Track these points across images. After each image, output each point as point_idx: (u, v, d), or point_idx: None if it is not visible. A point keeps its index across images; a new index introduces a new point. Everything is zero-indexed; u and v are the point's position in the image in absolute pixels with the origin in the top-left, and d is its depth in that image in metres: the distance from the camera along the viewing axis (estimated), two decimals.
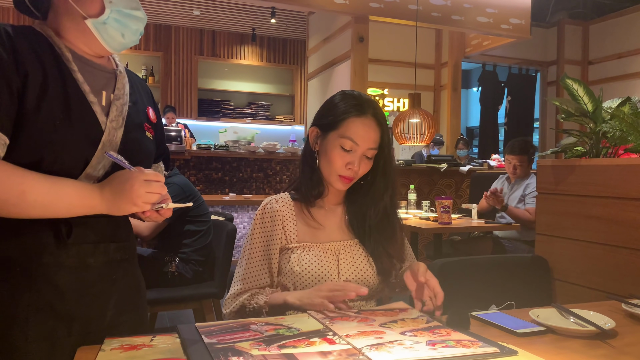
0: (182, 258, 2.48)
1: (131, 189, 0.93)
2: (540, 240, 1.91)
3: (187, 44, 7.72)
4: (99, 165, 1.00)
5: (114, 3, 0.99)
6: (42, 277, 0.96)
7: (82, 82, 1.00)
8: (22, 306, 0.95)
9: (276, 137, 7.32)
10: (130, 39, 1.04)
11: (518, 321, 1.09)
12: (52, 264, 0.97)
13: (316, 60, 6.35)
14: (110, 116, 1.02)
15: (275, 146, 4.88)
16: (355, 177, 1.24)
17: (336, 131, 1.23)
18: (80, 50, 1.03)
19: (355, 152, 1.21)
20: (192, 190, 2.59)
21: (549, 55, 7.45)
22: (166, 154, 1.26)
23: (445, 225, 3.24)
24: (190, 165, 4.69)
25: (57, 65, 0.98)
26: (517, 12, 5.47)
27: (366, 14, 5.00)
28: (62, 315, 0.98)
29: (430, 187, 5.01)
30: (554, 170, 1.86)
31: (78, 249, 0.99)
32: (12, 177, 0.89)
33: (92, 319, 1.01)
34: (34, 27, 1.01)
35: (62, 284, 0.97)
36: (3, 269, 0.95)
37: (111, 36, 1.01)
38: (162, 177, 0.98)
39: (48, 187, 0.91)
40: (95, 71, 1.04)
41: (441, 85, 7.03)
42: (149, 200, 0.95)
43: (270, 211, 1.27)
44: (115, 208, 0.96)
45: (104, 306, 1.04)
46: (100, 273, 1.03)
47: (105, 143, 1.00)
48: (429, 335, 0.95)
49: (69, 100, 0.96)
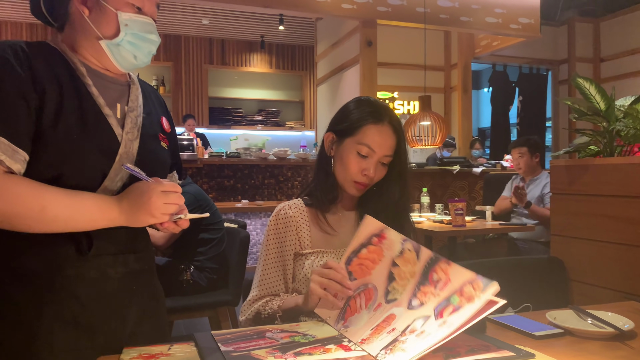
0: (197, 266, 2.50)
1: (149, 201, 0.94)
2: (555, 241, 1.89)
3: (197, 53, 7.79)
4: (117, 177, 1.01)
5: (129, 26, 1.01)
6: (65, 289, 0.98)
7: (97, 96, 1.01)
8: (46, 318, 0.96)
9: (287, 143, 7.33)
10: (142, 61, 1.06)
11: (535, 324, 1.08)
12: (74, 276, 0.98)
13: (325, 66, 6.37)
14: (126, 128, 1.03)
15: (286, 152, 4.90)
16: (370, 183, 1.25)
17: (353, 137, 1.24)
18: (94, 64, 1.05)
19: (371, 158, 1.22)
20: (206, 199, 2.61)
21: (560, 53, 7.39)
22: (179, 163, 1.27)
23: (459, 227, 3.22)
24: (203, 174, 4.73)
25: (72, 80, 1.00)
26: (526, 12, 5.44)
27: (374, 18, 5.01)
28: (85, 327, 0.99)
29: (443, 190, 4.99)
30: (567, 170, 1.84)
31: (99, 261, 1.01)
32: (32, 192, 0.91)
33: (113, 329, 1.02)
34: (49, 43, 1.03)
35: (84, 296, 0.99)
36: (27, 281, 0.97)
37: (123, 57, 1.03)
38: (179, 187, 0.99)
39: (68, 202, 0.93)
40: (109, 84, 1.06)
41: (451, 86, 7.00)
42: (167, 212, 0.96)
43: (284, 217, 1.28)
44: (133, 220, 0.97)
45: (125, 316, 1.05)
46: (120, 284, 1.04)
47: (122, 155, 1.01)
48: (432, 294, 0.93)
49: (85, 115, 0.98)
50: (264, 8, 4.63)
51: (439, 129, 4.05)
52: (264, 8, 4.62)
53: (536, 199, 3.62)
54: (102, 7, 1.00)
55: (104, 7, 1.00)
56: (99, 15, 1.00)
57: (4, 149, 0.89)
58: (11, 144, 0.90)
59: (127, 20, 1.00)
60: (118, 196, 0.98)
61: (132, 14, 1.01)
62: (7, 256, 0.98)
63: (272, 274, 1.26)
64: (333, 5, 4.75)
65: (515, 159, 3.75)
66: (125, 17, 1.00)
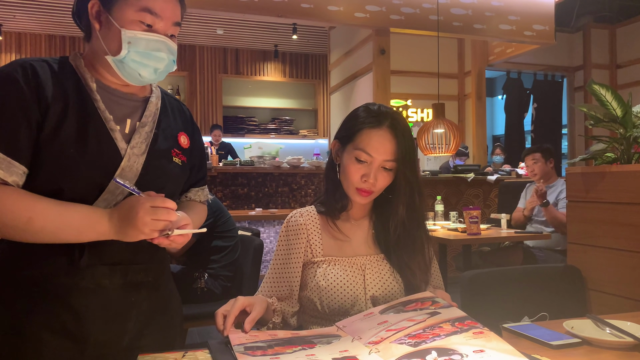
0: (211, 274, 2.51)
1: (136, 216, 0.94)
2: (572, 249, 1.87)
3: (211, 63, 7.87)
4: (117, 191, 1.01)
5: (132, 44, 1.01)
6: (58, 298, 0.99)
7: (104, 111, 1.03)
8: (36, 325, 0.97)
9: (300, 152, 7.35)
10: (148, 78, 1.05)
11: (552, 333, 1.07)
12: (67, 285, 0.99)
13: (338, 74, 6.39)
14: (132, 143, 1.04)
15: (300, 160, 4.91)
16: (374, 189, 1.21)
17: (352, 143, 1.22)
18: (108, 80, 1.07)
19: (371, 164, 1.19)
20: (220, 208, 2.63)
21: (575, 60, 7.33)
22: (204, 177, 1.28)
23: (474, 236, 3.20)
24: (217, 182, 4.76)
25: (80, 96, 1.02)
26: (540, 18, 5.41)
27: (387, 26, 5.02)
28: (76, 336, 0.99)
29: (457, 198, 4.95)
30: (584, 177, 1.82)
31: (93, 271, 1.01)
32: (21, 203, 0.93)
33: (108, 341, 1.02)
34: (67, 59, 1.06)
35: (77, 305, 0.99)
36: (21, 288, 0.98)
37: (129, 73, 1.04)
38: (171, 203, 0.97)
39: (56, 214, 0.94)
40: (121, 100, 1.07)
41: (465, 94, 6.97)
42: (155, 228, 0.95)
43: (294, 225, 1.28)
44: (122, 234, 0.97)
45: (121, 329, 1.04)
46: (117, 295, 1.04)
47: (124, 169, 1.02)
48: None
49: (86, 128, 1.00)
50: (277, 18, 4.67)
51: (452, 137, 4.04)
52: (278, 18, 4.67)
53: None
54: (110, 23, 1.01)
55: (111, 24, 1.01)
56: (107, 31, 1.02)
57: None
58: (7, 157, 0.93)
59: (130, 37, 1.01)
60: (110, 210, 0.99)
61: (137, 32, 1.01)
62: (6, 264, 1.00)
63: (276, 280, 1.26)
64: (346, 15, 4.78)
65: (529, 166, 3.73)
66: (129, 34, 1.00)
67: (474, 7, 5.17)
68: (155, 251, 1.11)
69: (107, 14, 1.01)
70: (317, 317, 1.24)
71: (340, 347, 0.94)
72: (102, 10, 1.02)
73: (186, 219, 1.03)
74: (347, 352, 0.91)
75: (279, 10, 4.56)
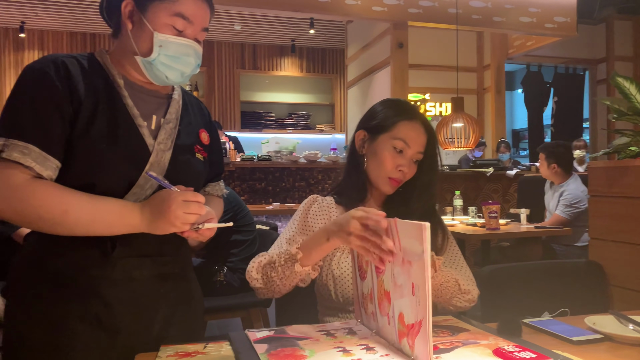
0: (230, 267, 2.53)
1: (169, 210, 0.96)
2: (594, 244, 1.84)
3: (229, 58, 7.90)
4: (147, 185, 1.04)
5: (163, 47, 1.03)
6: (90, 289, 1.01)
7: (132, 107, 1.05)
8: (71, 317, 1.00)
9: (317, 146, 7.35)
10: (174, 81, 1.08)
11: (573, 328, 1.06)
12: (99, 277, 1.01)
13: (355, 68, 6.37)
14: (159, 139, 1.06)
15: (317, 155, 4.92)
16: (403, 180, 1.27)
17: (388, 133, 1.26)
18: (133, 77, 1.09)
19: (406, 154, 1.25)
20: (238, 202, 2.65)
21: (598, 52, 7.17)
22: (220, 172, 1.30)
23: (493, 231, 3.17)
24: (235, 177, 4.79)
25: (109, 92, 1.04)
26: (561, 10, 5.31)
27: (405, 20, 4.98)
28: (108, 327, 1.02)
29: (476, 193, 4.91)
30: (606, 172, 1.79)
31: (123, 263, 1.03)
32: (56, 197, 0.95)
33: (137, 332, 1.04)
34: (94, 55, 1.08)
35: (108, 297, 1.02)
36: (55, 281, 1.01)
37: (156, 75, 1.06)
38: (201, 197, 1.00)
39: (90, 207, 0.96)
40: (146, 97, 1.09)
41: (484, 88, 6.89)
42: (186, 221, 0.98)
43: (318, 207, 1.30)
44: (154, 227, 0.99)
45: (150, 319, 1.07)
46: (146, 287, 1.06)
47: (152, 164, 1.04)
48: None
49: (116, 124, 1.02)
50: (294, 12, 4.67)
51: (472, 131, 4.00)
52: (295, 12, 4.67)
53: (555, 206, 3.54)
54: (143, 25, 1.03)
55: (144, 25, 1.03)
56: (139, 31, 1.04)
57: (35, 156, 0.94)
58: (42, 152, 0.95)
59: (162, 41, 1.02)
60: (141, 203, 1.01)
61: (168, 36, 1.03)
62: (38, 256, 1.03)
63: (293, 243, 1.22)
64: (363, 8, 4.75)
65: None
66: (161, 37, 1.02)
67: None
68: (181, 243, 1.14)
69: (140, 15, 1.03)
70: (332, 307, 1.26)
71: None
72: (135, 11, 1.04)
73: (211, 212, 1.05)
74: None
75: (296, 4, 4.56)
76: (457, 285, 1.18)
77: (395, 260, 0.90)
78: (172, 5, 1.02)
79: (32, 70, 0.99)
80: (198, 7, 1.05)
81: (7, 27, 6.80)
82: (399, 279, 0.88)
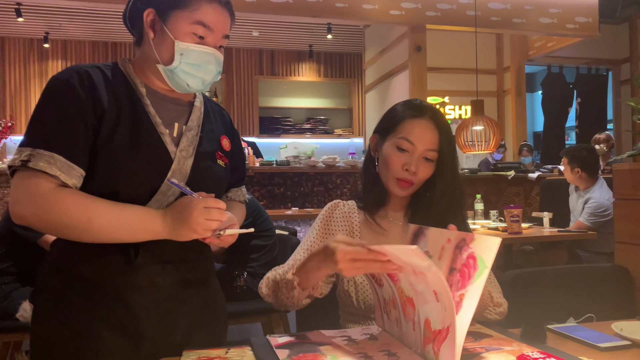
0: (250, 272, 2.55)
1: (190, 216, 0.97)
2: (620, 249, 1.80)
3: (248, 65, 7.97)
4: (169, 192, 1.05)
5: (184, 56, 1.04)
6: (115, 295, 1.03)
7: (154, 115, 1.07)
8: (96, 322, 1.01)
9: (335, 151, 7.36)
10: (195, 88, 1.09)
11: (599, 335, 1.03)
12: (123, 284, 1.03)
13: (373, 73, 6.36)
14: (180, 146, 1.08)
15: (335, 159, 4.92)
16: (415, 180, 1.21)
17: (393, 133, 1.23)
18: (156, 85, 1.10)
19: (412, 153, 1.20)
20: (258, 207, 2.66)
21: (621, 52, 7.04)
22: (243, 178, 1.31)
23: (516, 235, 3.12)
24: (254, 182, 4.82)
25: (131, 100, 1.06)
26: (583, 10, 5.23)
27: (423, 23, 4.96)
28: (132, 333, 1.03)
29: (497, 196, 4.85)
30: (632, 174, 1.75)
31: (146, 270, 1.04)
32: (81, 205, 0.97)
33: (161, 337, 1.06)
34: (117, 65, 1.10)
35: (132, 303, 1.03)
36: (81, 287, 1.03)
37: (177, 82, 1.08)
38: (222, 204, 1.00)
39: (113, 214, 0.98)
40: (168, 104, 1.11)
41: (504, 90, 6.81)
42: (208, 227, 0.99)
43: (340, 213, 1.29)
44: (176, 234, 1.00)
45: (173, 325, 1.08)
46: (169, 293, 1.07)
47: (174, 171, 1.05)
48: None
49: (139, 133, 1.04)
50: (312, 18, 4.69)
51: (492, 134, 3.95)
52: (312, 18, 4.68)
53: (580, 212, 3.46)
54: (165, 33, 1.05)
55: (166, 34, 1.04)
56: (160, 40, 1.06)
57: (60, 165, 0.97)
58: (67, 161, 0.97)
59: (183, 49, 1.04)
60: (163, 210, 1.02)
61: (190, 44, 1.04)
62: (65, 263, 1.05)
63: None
64: (381, 12, 4.75)
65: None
66: (182, 46, 1.04)
67: (512, 1, 5.05)
68: (203, 249, 1.14)
69: (162, 24, 1.05)
70: (354, 314, 1.25)
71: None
72: (157, 20, 1.06)
73: (233, 219, 1.06)
74: None
75: (313, 10, 4.58)
76: (490, 297, 1.15)
77: (405, 271, 0.90)
78: (192, 14, 1.03)
79: (58, 81, 1.02)
80: (218, 14, 1.06)
81: (32, 38, 6.98)
82: (418, 286, 0.88)
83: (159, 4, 1.05)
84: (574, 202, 3.64)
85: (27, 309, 2.12)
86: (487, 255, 0.83)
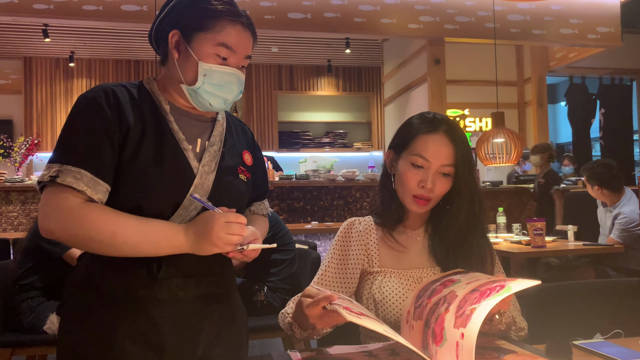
0: (270, 287, 2.55)
1: (211, 231, 0.99)
2: None
3: (267, 80, 8.06)
4: (191, 207, 1.07)
5: (207, 77, 1.07)
6: (138, 309, 1.04)
7: (177, 131, 1.09)
8: (120, 335, 1.03)
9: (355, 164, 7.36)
10: (217, 107, 1.12)
11: (627, 351, 1.01)
12: (146, 297, 1.04)
13: (392, 86, 6.37)
14: (203, 161, 1.10)
15: (354, 173, 4.92)
16: (432, 197, 1.19)
17: (407, 150, 1.21)
18: (179, 102, 1.13)
19: (428, 169, 1.18)
20: (278, 221, 2.67)
21: None
22: (265, 192, 1.34)
23: (539, 248, 3.07)
24: (274, 196, 4.84)
25: (155, 117, 1.09)
26: (605, 20, 5.17)
27: (441, 36, 4.96)
28: (155, 346, 1.04)
29: (520, 209, 4.78)
30: None
31: (169, 283, 1.06)
32: (106, 219, 0.99)
33: (182, 351, 1.06)
34: (143, 83, 1.13)
35: (155, 316, 1.05)
36: (106, 300, 1.05)
37: (200, 102, 1.10)
38: (243, 219, 1.02)
39: (137, 229, 1.00)
40: (191, 121, 1.14)
41: (525, 101, 6.74)
42: (229, 242, 1.00)
43: (356, 232, 1.28)
44: (198, 248, 1.02)
45: (195, 339, 1.08)
46: (191, 306, 1.08)
47: (197, 186, 1.07)
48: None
49: (163, 149, 1.06)
50: (330, 33, 4.73)
51: (513, 146, 3.91)
52: (331, 33, 4.72)
53: (609, 228, 3.36)
54: (189, 54, 1.08)
55: (190, 55, 1.07)
56: (185, 60, 1.09)
57: (87, 181, 0.99)
58: (93, 176, 1.00)
59: (206, 70, 1.07)
60: (186, 225, 1.04)
61: (213, 65, 1.07)
62: (91, 276, 1.07)
63: (331, 282, 1.23)
64: (399, 26, 4.77)
65: None
66: (205, 67, 1.07)
67: (532, 12, 5.02)
68: (225, 263, 1.15)
69: (186, 45, 1.08)
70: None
71: None
72: (181, 41, 1.09)
73: (256, 233, 1.08)
74: None
75: (332, 26, 4.62)
76: (514, 321, 1.14)
77: None
78: (216, 36, 1.06)
79: (85, 99, 1.05)
80: (241, 36, 1.09)
81: (58, 57, 7.18)
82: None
83: (184, 25, 1.08)
84: (602, 216, 3.55)
85: (55, 322, 2.16)
86: (516, 285, 0.84)
